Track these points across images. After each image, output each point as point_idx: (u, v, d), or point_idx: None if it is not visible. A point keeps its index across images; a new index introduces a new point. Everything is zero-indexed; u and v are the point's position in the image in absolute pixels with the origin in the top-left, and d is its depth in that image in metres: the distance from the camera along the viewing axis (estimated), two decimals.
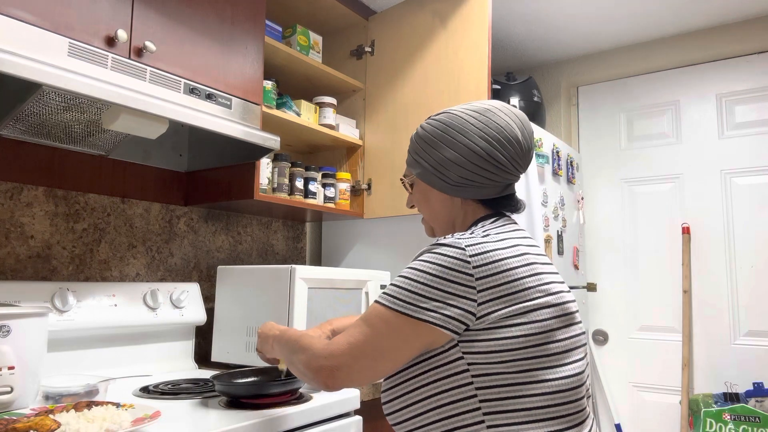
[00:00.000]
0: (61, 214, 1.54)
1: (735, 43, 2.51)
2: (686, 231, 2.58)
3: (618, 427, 2.64)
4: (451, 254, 0.86)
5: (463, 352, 0.85)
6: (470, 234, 0.92)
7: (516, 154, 0.97)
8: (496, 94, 2.48)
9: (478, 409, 0.84)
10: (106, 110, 1.29)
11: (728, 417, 2.28)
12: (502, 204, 1.02)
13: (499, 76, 3.00)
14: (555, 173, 2.40)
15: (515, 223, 1.01)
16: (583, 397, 0.90)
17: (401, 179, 1.10)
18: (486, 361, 0.84)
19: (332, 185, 2.08)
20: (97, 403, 1.07)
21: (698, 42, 2.60)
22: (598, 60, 2.86)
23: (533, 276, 0.88)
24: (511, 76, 2.57)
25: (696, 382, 2.51)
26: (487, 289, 0.85)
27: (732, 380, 2.42)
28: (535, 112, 2.53)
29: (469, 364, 0.85)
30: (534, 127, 2.26)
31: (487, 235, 0.91)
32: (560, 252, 2.39)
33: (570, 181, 2.59)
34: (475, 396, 0.85)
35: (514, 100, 2.49)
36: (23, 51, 1.09)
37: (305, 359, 0.90)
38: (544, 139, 2.32)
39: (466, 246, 0.87)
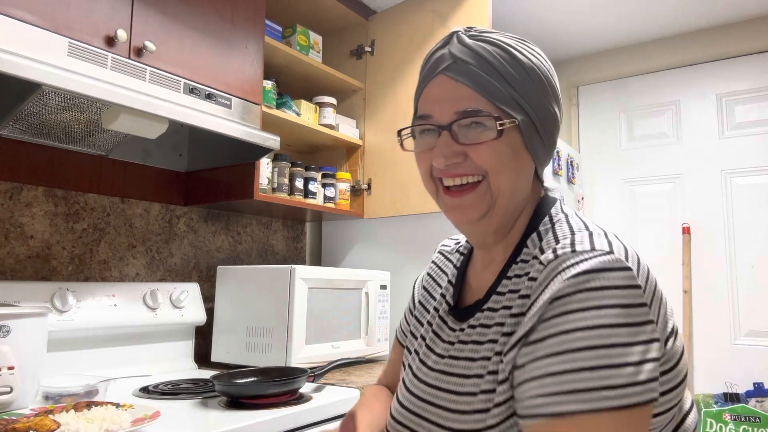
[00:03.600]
0: (60, 214, 1.54)
1: (735, 43, 2.51)
2: (686, 231, 2.58)
3: None
4: (622, 283, 0.55)
5: None
6: (590, 236, 0.61)
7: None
8: None
9: None
10: (105, 110, 1.29)
11: (728, 417, 2.28)
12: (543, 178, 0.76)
13: None
14: (555, 173, 2.39)
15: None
16: None
17: (471, 115, 0.65)
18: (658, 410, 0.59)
19: (332, 185, 2.08)
20: (96, 403, 1.07)
21: (698, 42, 2.60)
22: (598, 60, 2.86)
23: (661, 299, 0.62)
24: None
25: (696, 382, 2.51)
26: (658, 318, 0.58)
27: (732, 380, 2.41)
28: None
29: None
30: None
31: (617, 236, 0.63)
32: None
33: (570, 181, 2.59)
34: None
35: None
36: (23, 51, 1.09)
37: None
38: None
39: (626, 259, 0.57)
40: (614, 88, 2.88)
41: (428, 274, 0.87)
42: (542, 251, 0.63)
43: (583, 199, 2.71)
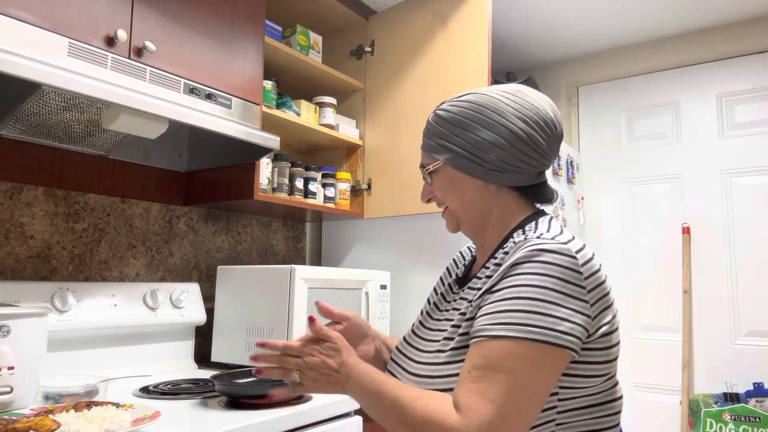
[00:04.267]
0: (60, 214, 1.54)
1: (735, 43, 2.51)
2: (686, 231, 2.58)
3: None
4: (564, 264, 0.74)
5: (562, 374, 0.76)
6: (558, 233, 0.81)
7: (552, 137, 0.89)
8: None
9: None
10: (105, 110, 1.29)
11: (728, 417, 2.28)
12: (536, 193, 0.93)
13: (499, 76, 3.00)
14: (555, 173, 2.40)
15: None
16: None
17: (421, 168, 0.96)
18: (576, 385, 0.77)
19: (332, 185, 2.08)
20: (96, 403, 1.07)
21: (698, 42, 2.60)
22: (598, 60, 2.86)
23: (610, 289, 0.81)
24: (511, 76, 2.57)
25: (696, 382, 2.51)
26: (594, 303, 0.76)
27: (732, 380, 2.41)
28: None
29: (560, 387, 0.76)
30: None
31: (573, 239, 0.81)
32: None
33: (570, 181, 2.59)
34: (552, 420, 0.76)
35: None
36: (23, 51, 1.09)
37: None
38: None
39: (576, 253, 0.76)
40: (614, 88, 2.88)
41: (453, 260, 1.09)
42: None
43: (583, 199, 2.71)
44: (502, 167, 0.88)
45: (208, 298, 1.92)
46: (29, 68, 1.04)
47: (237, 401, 1.23)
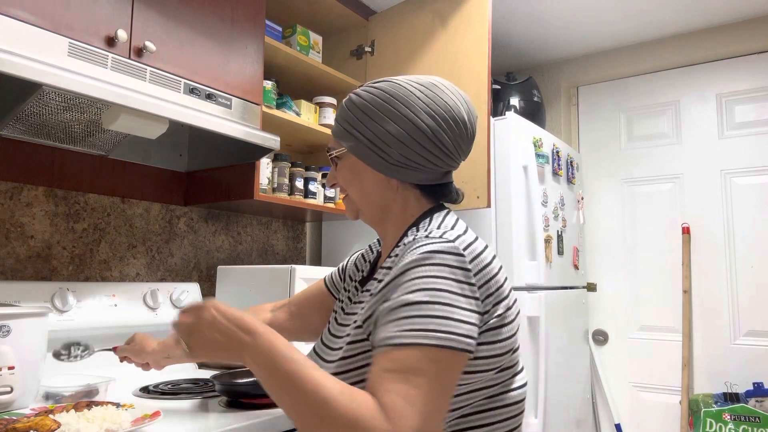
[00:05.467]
0: (61, 214, 1.54)
1: (735, 43, 2.51)
2: (686, 231, 2.58)
3: (618, 427, 2.64)
4: (453, 263, 0.74)
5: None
6: (450, 229, 0.80)
7: (461, 138, 0.86)
8: (496, 94, 2.48)
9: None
10: (106, 110, 1.29)
11: (728, 417, 2.28)
12: (441, 192, 0.91)
13: (499, 76, 3.00)
14: (555, 173, 2.40)
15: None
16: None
17: (327, 152, 0.94)
18: (463, 381, 0.77)
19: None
20: (97, 403, 1.07)
21: (698, 42, 2.60)
22: (598, 60, 2.86)
23: (505, 280, 0.81)
24: (511, 76, 2.57)
25: (696, 382, 2.51)
26: (485, 299, 0.76)
27: (732, 380, 2.41)
28: (535, 112, 2.53)
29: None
30: (534, 127, 2.26)
31: (465, 232, 0.81)
32: (560, 252, 2.39)
33: (570, 181, 2.59)
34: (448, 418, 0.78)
35: (514, 100, 2.49)
36: (23, 51, 1.09)
37: None
38: (544, 139, 2.32)
39: (464, 250, 0.76)
40: (614, 88, 2.88)
41: (362, 254, 1.06)
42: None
43: (582, 199, 2.71)
44: (405, 163, 0.85)
45: (209, 298, 1.92)
46: (29, 68, 1.04)
47: (237, 401, 1.23)
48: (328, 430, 0.65)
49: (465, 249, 0.76)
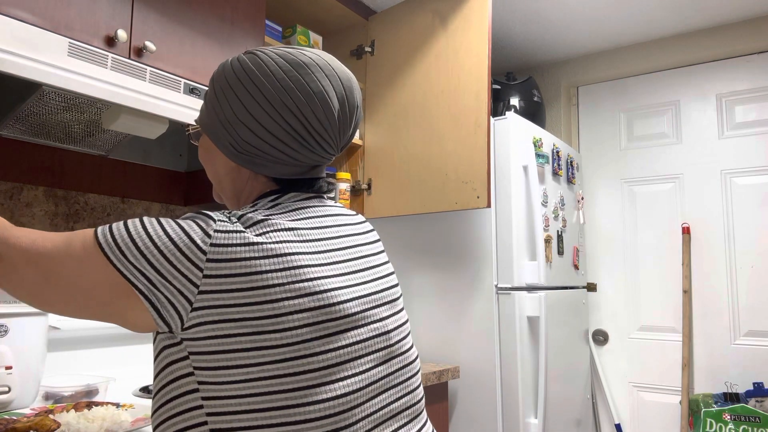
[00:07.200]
0: (61, 214, 1.54)
1: (735, 43, 2.51)
2: (686, 231, 2.58)
3: (618, 427, 2.64)
4: (238, 242, 0.64)
5: (189, 352, 0.63)
6: (261, 220, 0.68)
7: (326, 129, 0.74)
8: (496, 94, 2.48)
9: None
10: (106, 110, 1.29)
11: (728, 417, 2.28)
12: (301, 187, 0.78)
13: (499, 76, 3.00)
14: (555, 173, 2.40)
15: (319, 197, 0.78)
16: (361, 420, 0.66)
17: (190, 125, 0.86)
18: (216, 380, 0.62)
19: None
20: (97, 403, 1.07)
21: (698, 42, 2.60)
22: (598, 60, 2.86)
23: (288, 270, 0.65)
24: (511, 76, 2.57)
25: (696, 382, 2.51)
26: (218, 276, 0.63)
27: (732, 380, 2.42)
28: (535, 112, 2.53)
29: (199, 382, 0.62)
30: (534, 127, 2.26)
31: (278, 225, 0.68)
32: (560, 252, 2.39)
33: (570, 181, 2.59)
34: (204, 424, 0.62)
35: (514, 100, 2.49)
36: (23, 51, 1.09)
37: None
38: (544, 139, 2.32)
39: (256, 240, 0.65)
40: (614, 88, 2.88)
41: None
42: None
43: (582, 199, 2.71)
44: (254, 153, 0.74)
45: None
46: (29, 68, 1.04)
47: None
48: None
49: (257, 237, 0.65)
